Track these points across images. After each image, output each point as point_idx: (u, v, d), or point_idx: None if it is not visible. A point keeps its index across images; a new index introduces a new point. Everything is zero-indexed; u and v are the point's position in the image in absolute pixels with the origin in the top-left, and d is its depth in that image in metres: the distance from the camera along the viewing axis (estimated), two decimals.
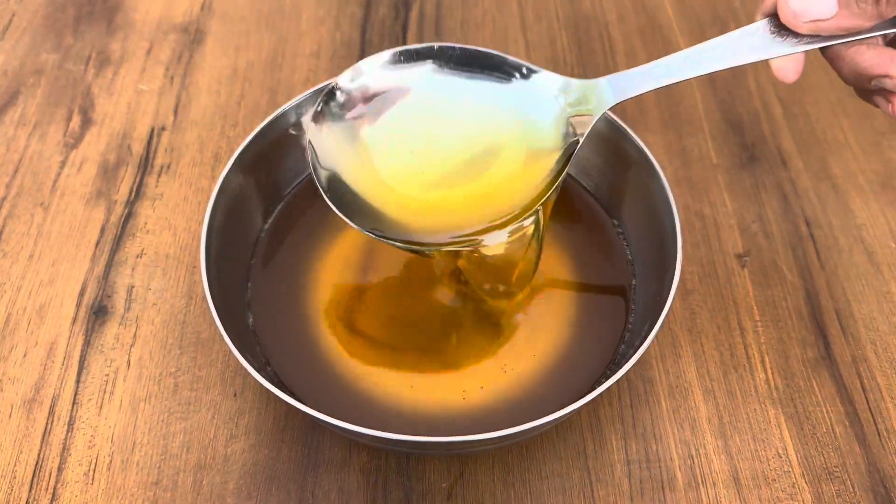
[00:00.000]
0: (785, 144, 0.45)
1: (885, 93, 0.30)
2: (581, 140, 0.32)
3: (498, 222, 0.32)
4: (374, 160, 0.33)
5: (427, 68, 0.33)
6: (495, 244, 0.33)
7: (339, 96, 0.33)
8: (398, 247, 0.32)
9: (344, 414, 0.32)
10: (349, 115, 0.33)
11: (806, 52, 0.29)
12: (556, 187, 0.32)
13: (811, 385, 0.37)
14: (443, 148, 0.33)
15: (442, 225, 0.33)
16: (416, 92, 0.33)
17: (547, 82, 0.33)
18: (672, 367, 0.37)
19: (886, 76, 0.28)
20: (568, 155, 0.32)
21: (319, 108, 0.33)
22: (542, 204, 0.32)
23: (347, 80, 0.33)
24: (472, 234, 0.32)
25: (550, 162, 0.32)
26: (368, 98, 0.33)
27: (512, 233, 0.32)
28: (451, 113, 0.33)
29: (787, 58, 0.30)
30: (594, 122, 0.32)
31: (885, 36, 0.30)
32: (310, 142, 0.32)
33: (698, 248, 0.41)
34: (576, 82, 0.33)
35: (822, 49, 0.30)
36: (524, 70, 0.33)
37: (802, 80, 0.48)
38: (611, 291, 0.37)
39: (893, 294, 0.39)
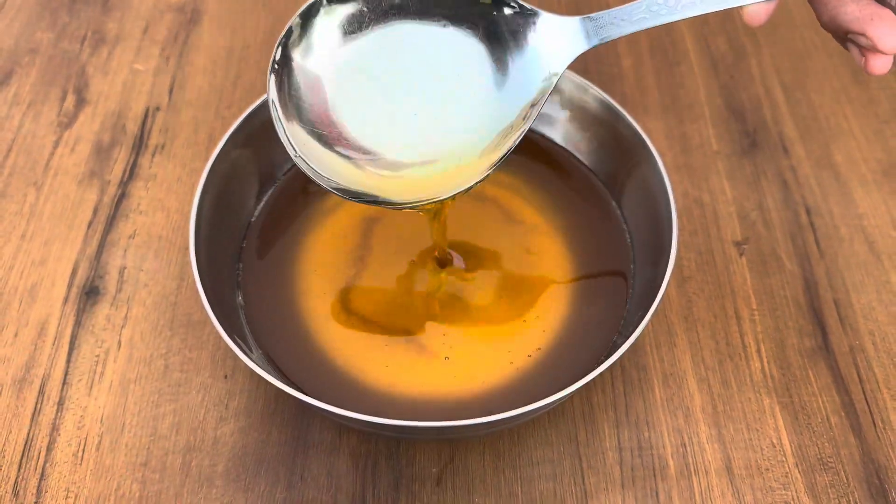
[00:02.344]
0: (787, 131, 0.45)
1: (860, 47, 0.29)
2: (552, 86, 0.30)
3: (473, 182, 0.31)
4: (342, 121, 0.31)
5: (393, 20, 0.31)
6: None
7: (299, 47, 0.31)
8: (364, 202, 0.31)
9: (334, 397, 0.32)
10: (310, 66, 0.31)
11: None
12: (522, 134, 0.30)
13: (807, 375, 0.36)
14: (414, 108, 0.31)
15: (414, 195, 0.31)
16: (382, 42, 0.31)
17: (522, 20, 0.31)
18: (667, 355, 0.37)
19: (862, 34, 0.28)
20: (538, 99, 0.30)
21: (278, 56, 0.31)
22: (510, 150, 0.30)
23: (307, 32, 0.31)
24: (430, 199, 0.31)
25: (522, 107, 0.31)
26: (330, 47, 0.31)
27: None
28: (419, 67, 0.31)
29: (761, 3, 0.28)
30: (565, 67, 0.30)
31: None
32: (273, 100, 0.31)
33: (696, 236, 0.40)
34: (551, 19, 0.30)
35: None
36: (503, 6, 0.31)
37: (806, 64, 0.47)
38: (610, 276, 0.37)
39: (893, 284, 0.39)
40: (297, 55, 0.31)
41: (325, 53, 0.31)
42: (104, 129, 0.45)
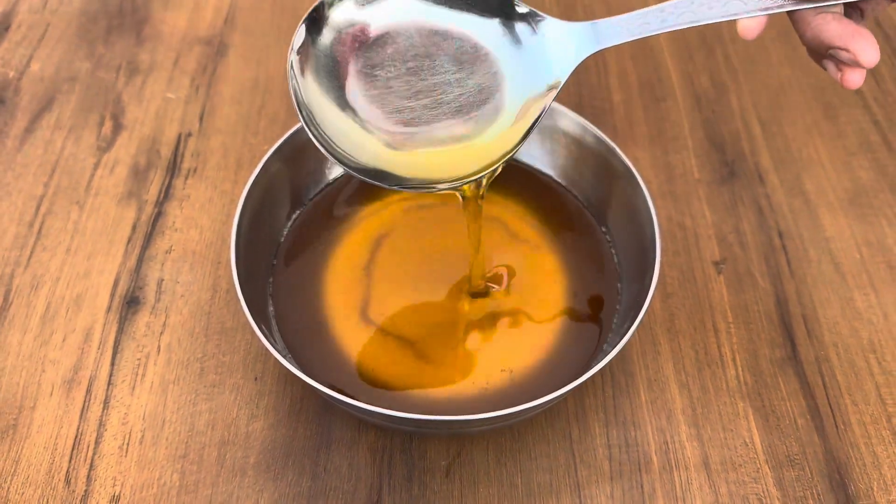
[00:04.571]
0: (762, 162, 0.49)
1: (837, 62, 0.31)
2: (560, 86, 0.32)
3: (479, 174, 0.33)
4: (361, 111, 0.33)
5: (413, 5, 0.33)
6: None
7: (324, 31, 0.32)
8: (371, 183, 0.33)
9: (355, 396, 0.36)
10: (333, 55, 0.33)
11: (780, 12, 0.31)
12: (532, 131, 0.33)
13: (777, 382, 0.40)
14: (432, 102, 0.33)
15: (430, 175, 0.33)
16: (404, 34, 0.33)
17: (539, 24, 0.33)
18: (651, 363, 0.41)
19: (844, 49, 0.30)
20: (545, 102, 0.33)
21: (300, 41, 0.32)
22: (517, 148, 0.33)
23: (336, 10, 0.32)
24: (450, 180, 0.33)
25: (532, 110, 0.33)
26: (354, 36, 0.33)
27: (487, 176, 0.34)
28: (437, 62, 0.33)
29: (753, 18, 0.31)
30: (572, 69, 0.32)
31: (853, 8, 0.32)
32: (293, 83, 0.32)
33: (679, 256, 0.45)
34: (560, 25, 0.33)
35: (789, 12, 0.31)
36: (515, 9, 0.33)
37: (781, 100, 0.52)
38: (599, 292, 0.41)
39: (856, 301, 0.43)
40: (331, 22, 0.32)
41: (359, 30, 0.33)
42: (140, 152, 0.49)
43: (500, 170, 0.34)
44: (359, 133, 0.33)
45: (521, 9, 0.33)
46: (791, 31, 0.33)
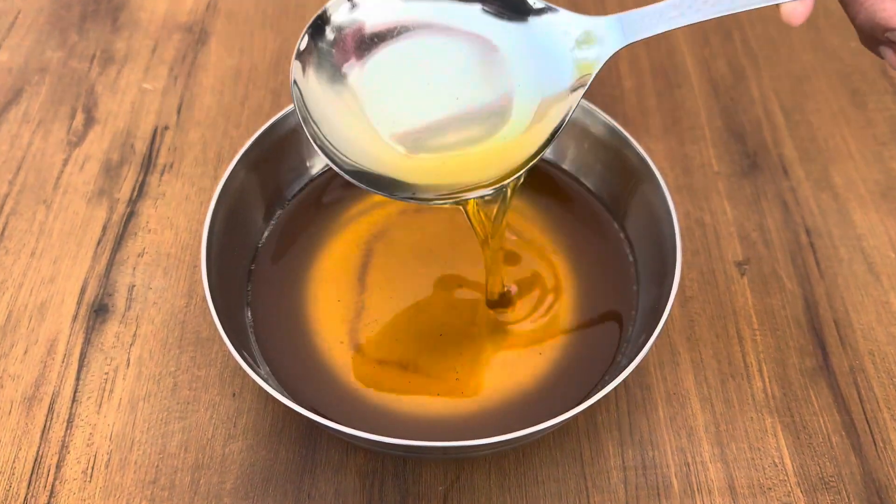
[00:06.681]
0: (786, 153, 0.45)
1: (894, 45, 0.28)
2: (586, 87, 0.30)
3: (494, 182, 0.31)
4: (368, 111, 0.31)
5: (428, 4, 0.31)
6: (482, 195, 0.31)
7: (329, 33, 0.30)
8: (382, 195, 0.31)
9: (341, 416, 0.33)
10: (339, 55, 0.31)
11: None
12: (552, 140, 0.30)
13: (808, 394, 0.37)
14: (443, 100, 0.31)
15: (441, 184, 0.31)
16: (415, 32, 0.31)
17: (555, 20, 0.31)
18: (670, 375, 0.37)
19: None
20: (570, 104, 0.30)
21: (304, 44, 0.30)
22: (536, 158, 0.30)
23: (340, 13, 0.30)
24: (468, 188, 0.31)
25: (553, 112, 0.30)
26: (361, 37, 0.31)
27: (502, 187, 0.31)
28: (451, 59, 0.31)
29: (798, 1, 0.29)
30: (600, 67, 0.30)
31: None
32: (295, 83, 0.30)
33: (698, 256, 0.41)
34: (584, 20, 0.30)
35: None
36: (532, 5, 0.31)
37: (804, 87, 0.48)
38: (614, 296, 0.37)
39: (892, 304, 0.39)
40: (341, 20, 0.30)
41: (373, 24, 0.31)
42: (113, 147, 0.45)
43: (522, 179, 0.31)
44: (367, 138, 0.31)
45: (537, 4, 0.31)
46: (815, 13, 0.30)
